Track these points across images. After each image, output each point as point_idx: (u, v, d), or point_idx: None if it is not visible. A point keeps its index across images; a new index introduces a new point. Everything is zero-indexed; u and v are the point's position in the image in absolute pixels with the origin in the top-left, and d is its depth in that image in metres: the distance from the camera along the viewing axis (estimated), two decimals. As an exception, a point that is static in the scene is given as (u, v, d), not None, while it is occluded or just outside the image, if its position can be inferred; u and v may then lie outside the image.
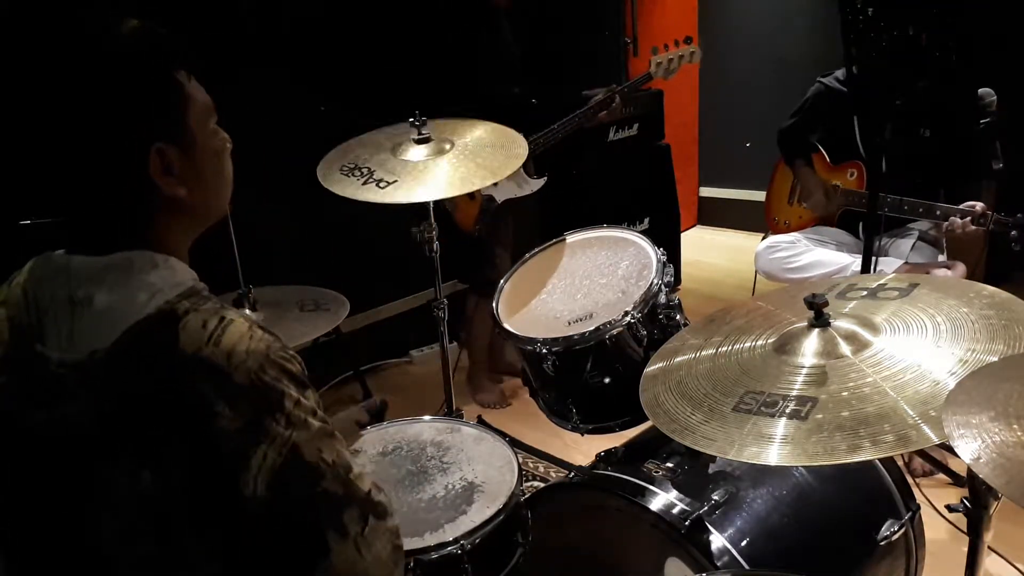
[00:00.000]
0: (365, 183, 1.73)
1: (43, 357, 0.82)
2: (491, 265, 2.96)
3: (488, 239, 2.95)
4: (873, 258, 2.11)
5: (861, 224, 2.72)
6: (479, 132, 1.92)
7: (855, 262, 2.59)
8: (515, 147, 1.85)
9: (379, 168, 1.78)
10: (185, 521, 0.82)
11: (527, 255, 1.89)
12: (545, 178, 3.05)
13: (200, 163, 0.90)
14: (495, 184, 2.90)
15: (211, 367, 0.80)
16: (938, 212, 2.41)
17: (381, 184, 1.72)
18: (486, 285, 2.94)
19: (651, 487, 1.42)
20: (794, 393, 1.07)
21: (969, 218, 2.32)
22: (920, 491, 1.62)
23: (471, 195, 2.90)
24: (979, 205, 2.33)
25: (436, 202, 1.82)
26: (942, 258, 2.62)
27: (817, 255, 2.73)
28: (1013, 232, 2.24)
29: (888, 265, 2.53)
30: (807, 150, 2.87)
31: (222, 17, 2.81)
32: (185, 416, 0.80)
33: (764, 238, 2.95)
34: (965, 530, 1.06)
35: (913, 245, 2.62)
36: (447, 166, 1.79)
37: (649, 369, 1.30)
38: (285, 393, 0.84)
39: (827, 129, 2.84)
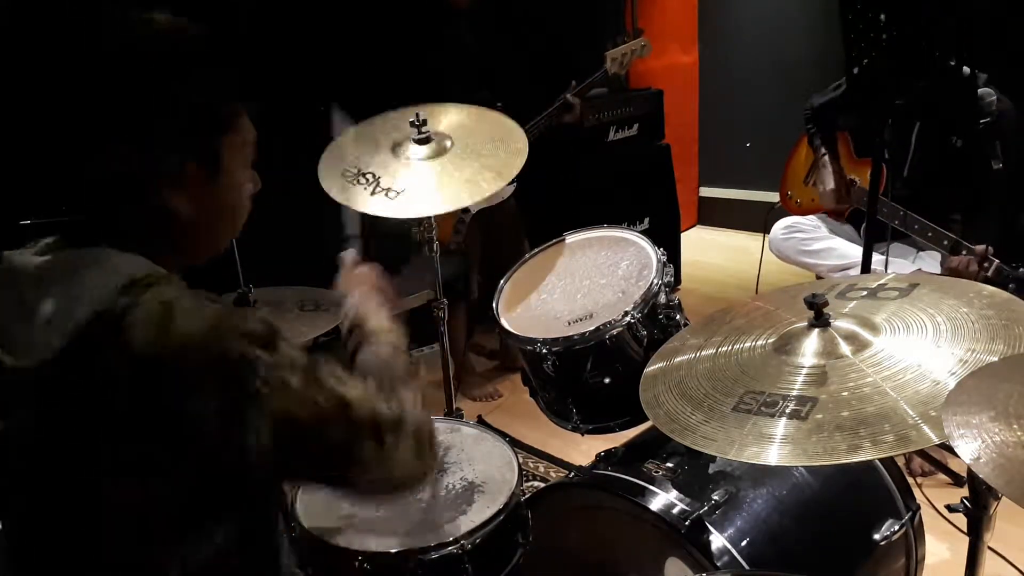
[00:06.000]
0: (373, 193, 1.72)
1: (1, 364, 0.80)
2: (465, 277, 2.99)
3: (464, 251, 2.96)
4: (884, 258, 2.08)
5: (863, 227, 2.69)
6: (475, 120, 1.89)
7: None
8: (514, 141, 1.83)
9: (384, 174, 1.76)
10: (187, 518, 0.81)
11: (527, 255, 1.89)
12: (515, 184, 3.03)
13: (221, 193, 0.91)
14: None
15: (166, 361, 0.76)
16: (945, 241, 2.33)
17: (390, 194, 1.71)
18: (460, 295, 2.95)
19: (651, 487, 1.42)
20: (794, 393, 1.07)
21: (971, 259, 2.21)
22: (920, 491, 1.62)
23: None
24: (984, 248, 2.21)
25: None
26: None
27: (835, 243, 2.68)
28: (1011, 285, 2.14)
29: (899, 268, 2.47)
30: (834, 131, 2.74)
31: (218, 19, 2.80)
32: (155, 419, 0.76)
33: (771, 209, 2.87)
34: (965, 530, 1.06)
35: (916, 256, 2.59)
36: (453, 169, 1.77)
37: (649, 369, 1.30)
38: (254, 361, 0.79)
39: (863, 116, 2.68)
